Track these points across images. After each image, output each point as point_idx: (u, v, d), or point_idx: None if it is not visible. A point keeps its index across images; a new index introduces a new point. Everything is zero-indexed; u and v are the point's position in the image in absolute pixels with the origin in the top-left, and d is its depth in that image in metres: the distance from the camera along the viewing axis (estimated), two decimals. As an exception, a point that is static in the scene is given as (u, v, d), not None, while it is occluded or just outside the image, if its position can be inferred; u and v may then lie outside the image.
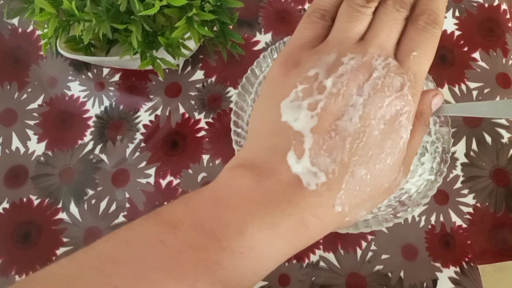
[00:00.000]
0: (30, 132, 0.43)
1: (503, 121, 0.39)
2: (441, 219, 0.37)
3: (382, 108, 0.21)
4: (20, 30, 0.47)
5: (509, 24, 0.43)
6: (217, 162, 0.40)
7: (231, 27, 0.39)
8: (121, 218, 0.39)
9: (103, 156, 0.41)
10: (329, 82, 0.22)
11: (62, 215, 0.40)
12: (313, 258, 0.36)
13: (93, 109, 0.43)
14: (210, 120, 0.41)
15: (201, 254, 0.19)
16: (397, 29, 0.23)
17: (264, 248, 0.20)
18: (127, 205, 0.39)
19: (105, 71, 0.44)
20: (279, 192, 0.21)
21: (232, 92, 0.42)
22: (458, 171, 0.38)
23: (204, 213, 0.20)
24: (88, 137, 0.42)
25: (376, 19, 0.23)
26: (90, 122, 0.43)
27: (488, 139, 0.39)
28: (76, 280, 0.19)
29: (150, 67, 0.37)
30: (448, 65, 0.42)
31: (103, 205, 0.39)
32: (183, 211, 0.21)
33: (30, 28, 0.47)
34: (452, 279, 0.35)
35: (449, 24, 0.43)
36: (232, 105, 0.38)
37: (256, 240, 0.20)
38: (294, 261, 0.36)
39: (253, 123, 0.24)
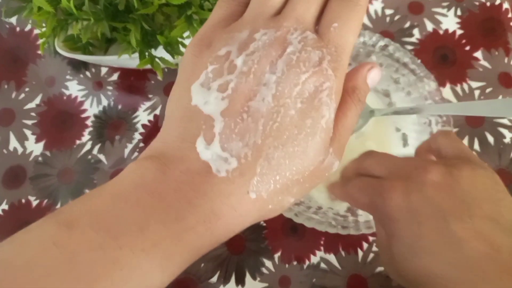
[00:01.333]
0: (28, 132, 0.43)
1: (506, 121, 0.39)
2: (443, 219, 0.37)
3: (298, 86, 0.20)
4: (18, 29, 0.47)
5: (511, 23, 0.42)
6: (216, 162, 0.40)
7: (231, 26, 0.39)
8: (120, 219, 0.39)
9: (102, 156, 0.41)
10: (240, 61, 0.20)
11: (60, 216, 0.39)
12: (314, 259, 0.36)
13: (91, 109, 0.43)
14: (209, 120, 0.41)
15: (95, 254, 0.18)
16: (317, 1, 0.22)
17: (170, 244, 0.18)
18: (126, 205, 0.39)
19: (104, 70, 0.44)
20: (187, 182, 0.19)
21: (232, 91, 0.42)
22: (460, 171, 0.38)
23: (102, 210, 0.19)
24: (86, 137, 0.42)
25: None
26: (88, 122, 0.42)
27: (491, 139, 0.38)
28: None
29: (149, 66, 0.37)
30: (450, 64, 0.41)
31: (101, 205, 0.39)
32: (80, 210, 0.19)
33: (28, 27, 0.47)
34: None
35: (451, 23, 0.43)
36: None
37: (160, 236, 0.18)
38: (295, 263, 0.36)
39: (167, 110, 0.22)
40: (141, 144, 0.41)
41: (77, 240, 0.18)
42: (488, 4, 0.43)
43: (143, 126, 0.41)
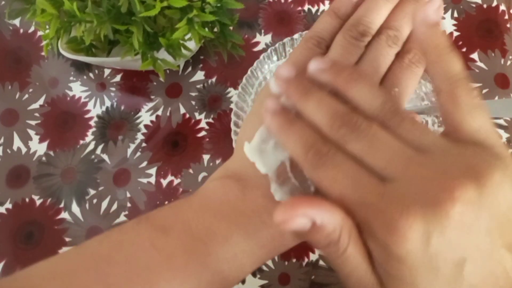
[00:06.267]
0: (31, 132, 0.43)
1: (502, 121, 0.40)
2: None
3: None
4: (21, 30, 0.48)
5: (508, 25, 0.43)
6: (217, 162, 0.40)
7: (231, 28, 0.39)
8: (122, 218, 0.39)
9: (105, 156, 0.41)
10: None
11: (64, 215, 0.40)
12: (313, 257, 0.37)
13: (94, 110, 0.43)
14: (210, 120, 0.42)
15: (190, 257, 0.21)
16: (385, 64, 0.24)
17: (246, 256, 0.22)
18: (128, 204, 0.39)
19: (107, 71, 0.45)
20: (261, 204, 0.22)
21: (232, 92, 0.42)
22: (456, 171, 0.38)
23: (193, 220, 0.22)
24: (89, 137, 0.42)
25: (368, 53, 0.24)
26: (92, 122, 0.43)
27: (486, 139, 0.39)
28: (70, 279, 0.20)
29: (151, 68, 0.37)
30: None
31: (104, 204, 0.40)
32: (173, 217, 0.22)
33: (32, 28, 0.48)
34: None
35: (448, 25, 0.43)
36: (232, 106, 0.38)
37: (240, 248, 0.21)
38: (294, 260, 0.37)
39: (241, 134, 0.25)
40: (144, 144, 0.41)
41: (173, 243, 0.21)
42: (484, 6, 0.44)
43: (146, 126, 0.42)
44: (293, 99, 0.21)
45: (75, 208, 0.40)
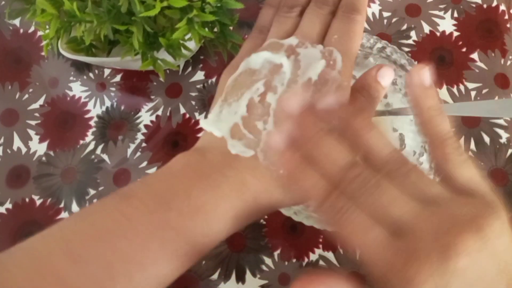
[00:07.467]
0: (31, 132, 0.43)
1: (502, 121, 0.40)
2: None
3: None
4: (21, 30, 0.48)
5: (508, 25, 0.43)
6: (217, 162, 0.40)
7: (231, 28, 0.39)
8: (122, 218, 0.39)
9: (105, 156, 0.41)
10: None
11: (64, 215, 0.40)
12: (313, 257, 0.37)
13: (94, 110, 0.43)
14: (210, 120, 0.42)
15: (152, 217, 0.22)
16: (320, 21, 0.27)
17: (210, 208, 0.22)
18: (128, 204, 0.39)
19: (107, 71, 0.45)
20: (221, 160, 0.24)
21: (232, 92, 0.42)
22: (456, 171, 0.38)
23: (156, 184, 0.23)
24: (89, 137, 0.42)
25: (302, 18, 0.28)
26: (92, 122, 0.43)
27: (487, 139, 0.39)
28: (41, 253, 0.22)
29: (151, 68, 0.37)
30: (447, 65, 0.42)
31: (104, 204, 0.40)
32: (138, 185, 0.24)
33: (32, 28, 0.48)
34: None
35: (448, 25, 0.43)
36: (232, 106, 0.38)
37: (202, 201, 0.22)
38: (294, 260, 0.37)
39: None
40: (144, 144, 0.41)
41: (135, 205, 0.22)
42: (484, 6, 0.44)
43: (146, 126, 0.42)
44: (300, 141, 0.22)
45: (75, 208, 0.40)
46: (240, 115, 0.25)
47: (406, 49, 0.43)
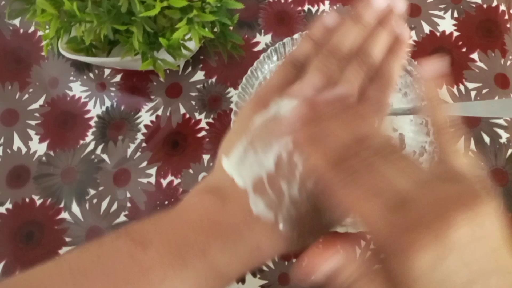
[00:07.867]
0: (31, 132, 0.43)
1: (502, 121, 0.40)
2: (440, 218, 0.37)
3: None
4: (21, 30, 0.48)
5: (508, 25, 0.43)
6: (217, 162, 0.40)
7: (231, 28, 0.39)
8: (122, 218, 0.39)
9: (105, 156, 0.41)
10: None
11: (64, 215, 0.40)
12: (313, 257, 0.37)
13: (94, 110, 0.43)
14: (210, 120, 0.42)
15: (167, 271, 0.21)
16: (359, 83, 0.26)
17: (224, 268, 0.22)
18: (129, 204, 0.39)
19: (107, 71, 0.45)
20: (240, 218, 0.23)
21: (232, 92, 0.42)
22: (456, 171, 0.38)
23: (172, 234, 0.23)
24: (89, 137, 0.42)
25: (344, 74, 0.26)
26: (92, 122, 0.43)
27: (487, 139, 0.39)
28: None
29: (151, 68, 0.37)
30: (447, 66, 0.42)
31: (104, 204, 0.40)
32: (153, 231, 0.23)
33: (32, 29, 0.48)
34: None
35: (448, 25, 0.43)
36: (232, 106, 0.38)
37: (218, 261, 0.22)
38: (294, 260, 0.37)
39: (221, 150, 0.26)
40: (144, 144, 0.41)
41: (151, 257, 0.22)
42: (484, 6, 0.44)
43: (145, 126, 0.42)
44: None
45: (75, 208, 0.40)
46: (266, 169, 0.23)
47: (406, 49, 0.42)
